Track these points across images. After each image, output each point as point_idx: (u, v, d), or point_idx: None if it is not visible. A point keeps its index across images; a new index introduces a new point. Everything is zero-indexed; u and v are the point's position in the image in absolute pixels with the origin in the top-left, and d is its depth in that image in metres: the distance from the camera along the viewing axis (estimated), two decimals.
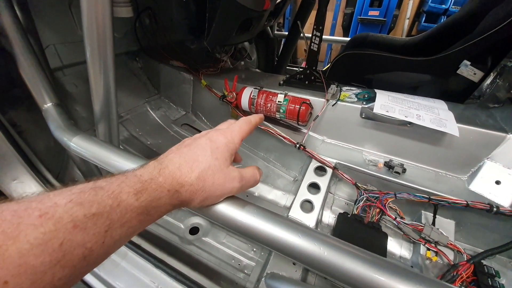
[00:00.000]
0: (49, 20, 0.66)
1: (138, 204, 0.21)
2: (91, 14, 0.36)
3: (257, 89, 0.76)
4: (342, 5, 2.61)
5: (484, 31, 0.75)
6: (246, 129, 0.31)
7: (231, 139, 0.28)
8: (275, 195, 0.75)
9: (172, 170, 0.24)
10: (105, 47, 0.40)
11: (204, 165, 0.25)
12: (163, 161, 0.25)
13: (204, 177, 0.25)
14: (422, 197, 0.59)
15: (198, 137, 0.28)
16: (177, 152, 0.26)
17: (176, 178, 0.24)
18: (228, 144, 0.28)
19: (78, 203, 0.18)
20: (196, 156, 0.26)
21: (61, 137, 0.38)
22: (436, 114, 0.64)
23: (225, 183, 0.26)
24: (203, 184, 0.25)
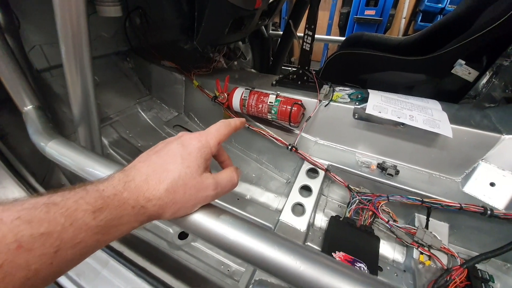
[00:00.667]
0: (35, 20, 0.65)
1: (95, 223, 0.19)
2: (64, 12, 0.34)
3: (249, 90, 0.75)
4: (338, 5, 2.60)
5: (479, 30, 0.74)
6: (224, 132, 0.28)
7: (205, 143, 0.26)
8: (267, 197, 0.74)
9: (139, 183, 0.22)
10: (81, 47, 0.38)
11: (174, 175, 0.23)
12: (130, 172, 0.23)
13: (174, 188, 0.23)
14: (415, 200, 0.58)
15: (170, 141, 0.26)
16: (146, 161, 0.24)
17: (142, 192, 0.22)
18: (201, 149, 0.25)
19: (26, 220, 0.16)
20: (165, 164, 0.24)
21: (37, 141, 0.36)
22: (430, 114, 0.63)
23: (198, 192, 0.24)
24: (173, 197, 0.23)
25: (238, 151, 0.90)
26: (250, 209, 0.67)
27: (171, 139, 0.27)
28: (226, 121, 0.30)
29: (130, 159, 0.79)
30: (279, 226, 0.59)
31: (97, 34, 0.82)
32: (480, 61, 0.80)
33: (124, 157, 0.78)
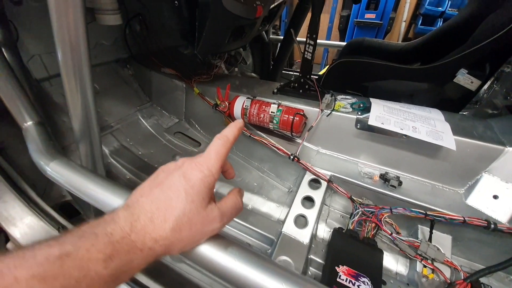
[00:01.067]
0: (34, 30, 0.64)
1: (107, 272, 0.19)
2: (61, 21, 0.32)
3: (250, 99, 0.74)
4: (339, 8, 2.60)
5: (481, 39, 0.74)
6: (224, 152, 0.27)
7: (208, 172, 0.25)
8: (269, 207, 0.73)
9: (145, 223, 0.22)
10: (80, 57, 0.37)
11: (179, 212, 0.22)
12: (134, 210, 0.23)
13: (179, 226, 0.22)
14: (418, 213, 0.58)
15: (172, 172, 0.25)
16: (149, 195, 0.24)
17: (149, 233, 0.22)
18: (204, 180, 0.24)
19: (41, 278, 0.16)
20: (169, 200, 0.23)
21: (38, 161, 0.35)
22: (433, 125, 0.62)
23: (204, 227, 0.24)
24: (179, 235, 0.22)
25: (239, 159, 0.90)
26: (252, 219, 0.67)
27: (172, 168, 0.26)
28: (224, 137, 0.28)
29: (131, 168, 0.78)
30: (282, 238, 0.58)
31: (96, 42, 0.81)
32: (482, 71, 0.79)
33: (125, 166, 0.78)
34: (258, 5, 0.69)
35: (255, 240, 0.64)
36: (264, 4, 0.73)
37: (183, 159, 0.27)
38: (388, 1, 2.19)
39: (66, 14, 0.35)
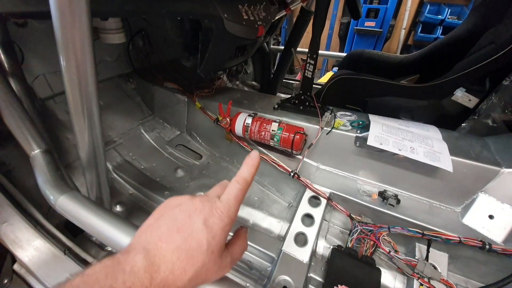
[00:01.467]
0: (38, 51, 0.65)
1: None
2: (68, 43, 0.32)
3: (251, 116, 0.76)
4: (339, 15, 2.62)
5: (480, 57, 0.75)
6: (243, 196, 0.27)
7: (228, 221, 0.25)
8: (269, 223, 0.75)
9: (165, 275, 0.22)
10: (86, 77, 0.36)
11: (200, 264, 0.23)
12: (155, 259, 0.22)
13: (197, 276, 0.23)
14: (415, 232, 0.59)
15: (191, 215, 0.25)
16: (170, 242, 0.23)
17: (167, 285, 0.22)
18: (225, 228, 0.25)
19: None
20: (191, 251, 0.23)
21: (47, 194, 0.36)
22: (430, 146, 0.64)
23: (217, 273, 0.25)
24: (195, 283, 0.23)
25: None
26: (253, 236, 0.68)
27: (191, 209, 0.26)
28: (243, 181, 0.27)
29: (133, 183, 0.79)
30: (282, 257, 0.60)
31: (100, 59, 0.83)
32: (482, 85, 0.81)
33: (127, 181, 0.79)
34: (260, 25, 0.70)
35: (256, 257, 0.65)
36: (266, 23, 0.74)
37: (201, 199, 0.27)
38: (388, 9, 2.21)
39: (71, 31, 0.34)
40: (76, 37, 0.32)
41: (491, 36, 0.85)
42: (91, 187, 0.46)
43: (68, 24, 0.31)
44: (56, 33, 0.31)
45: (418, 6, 2.48)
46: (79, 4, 0.30)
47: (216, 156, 0.97)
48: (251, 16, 0.69)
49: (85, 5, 0.30)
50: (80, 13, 0.30)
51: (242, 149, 0.87)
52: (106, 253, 0.58)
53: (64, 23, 0.30)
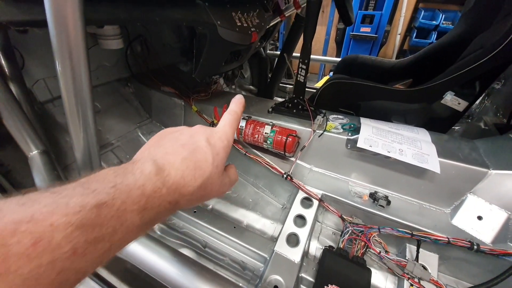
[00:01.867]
0: (39, 55, 0.68)
1: (141, 222, 0.20)
2: (62, 47, 0.33)
3: (245, 120, 0.77)
4: (335, 21, 2.67)
5: (470, 61, 0.77)
6: (236, 125, 0.31)
7: (227, 143, 0.28)
8: (263, 224, 0.76)
9: (176, 179, 0.23)
10: (81, 82, 0.38)
11: (207, 174, 0.25)
12: (164, 166, 0.23)
13: (204, 186, 0.25)
14: (405, 233, 0.60)
15: (195, 134, 0.27)
16: (177, 154, 0.24)
17: (179, 189, 0.23)
18: (225, 149, 0.28)
19: (79, 226, 0.16)
20: (199, 162, 0.25)
21: None
22: (419, 148, 0.65)
23: (219, 190, 0.27)
24: (202, 193, 0.25)
25: None
26: (247, 237, 0.69)
27: (192, 131, 0.28)
28: (234, 112, 0.32)
29: None
30: (274, 257, 0.60)
31: (99, 64, 0.85)
32: (472, 88, 0.82)
33: None
34: (253, 32, 0.73)
35: (249, 257, 0.66)
36: (259, 30, 0.77)
37: (198, 126, 0.29)
38: (383, 15, 2.25)
39: (67, 39, 0.35)
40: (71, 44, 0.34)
41: (480, 41, 0.88)
42: None
43: (63, 32, 0.33)
44: (52, 41, 0.33)
45: (413, 12, 2.52)
46: (74, 13, 0.32)
47: None
48: (244, 23, 0.71)
49: (80, 14, 0.31)
50: (75, 22, 0.32)
51: (237, 151, 0.89)
52: None
53: (60, 31, 0.32)
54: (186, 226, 0.75)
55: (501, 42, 0.67)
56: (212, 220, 0.73)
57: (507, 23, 0.71)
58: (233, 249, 0.70)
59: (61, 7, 0.29)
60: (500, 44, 0.68)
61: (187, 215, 0.74)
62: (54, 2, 0.28)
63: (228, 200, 0.83)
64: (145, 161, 0.23)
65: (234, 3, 0.70)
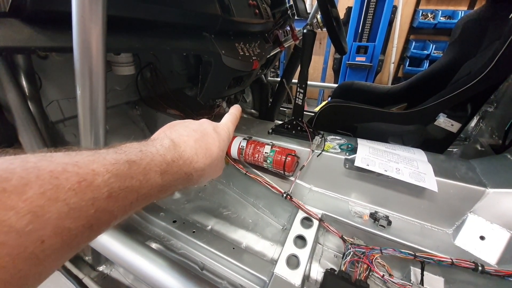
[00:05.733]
0: (55, 79, 0.73)
1: (162, 182, 0.23)
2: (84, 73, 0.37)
3: (246, 140, 0.80)
4: (332, 51, 2.85)
5: (459, 85, 0.81)
6: (235, 122, 0.39)
7: (229, 135, 0.35)
8: (263, 246, 0.74)
9: (190, 155, 0.27)
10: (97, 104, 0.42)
11: (215, 155, 0.30)
12: (180, 143, 0.27)
13: (213, 164, 0.30)
14: (407, 254, 0.59)
15: (202, 124, 0.32)
16: (190, 136, 0.29)
17: (193, 163, 0.27)
18: (228, 138, 0.34)
19: (114, 174, 0.19)
20: (209, 145, 0.30)
21: None
22: (415, 167, 0.67)
23: (219, 170, 0.33)
24: (210, 170, 0.30)
25: (236, 195, 0.93)
26: (245, 259, 0.67)
27: (202, 121, 0.33)
28: (233, 114, 0.40)
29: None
30: (274, 280, 0.59)
31: (111, 88, 0.91)
32: (464, 111, 0.86)
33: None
34: (254, 60, 0.79)
35: (247, 280, 0.64)
36: (260, 58, 0.83)
37: (204, 119, 0.35)
38: (376, 46, 2.41)
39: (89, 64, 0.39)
40: (92, 69, 0.39)
41: (468, 67, 0.94)
42: None
43: (86, 58, 0.37)
44: (75, 65, 0.37)
45: (404, 43, 2.70)
46: (98, 41, 0.36)
47: (213, 179, 1.00)
48: (246, 52, 0.78)
49: (102, 43, 0.36)
50: (98, 49, 0.37)
51: (237, 171, 0.90)
52: (98, 273, 0.58)
53: (83, 57, 0.37)
54: (184, 247, 0.74)
55: (487, 66, 0.72)
56: (211, 241, 0.72)
57: (490, 51, 0.77)
58: (231, 271, 0.68)
59: (87, 36, 0.33)
60: (485, 68, 0.73)
61: (186, 235, 0.73)
62: (81, 31, 0.33)
63: (227, 221, 0.83)
64: (163, 138, 0.27)
65: (237, 36, 0.78)
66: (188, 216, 0.83)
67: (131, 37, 0.47)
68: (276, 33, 1.09)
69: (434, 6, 2.53)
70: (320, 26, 0.95)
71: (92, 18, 0.33)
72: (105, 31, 0.34)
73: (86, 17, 0.33)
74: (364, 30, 2.47)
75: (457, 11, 2.38)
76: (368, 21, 2.40)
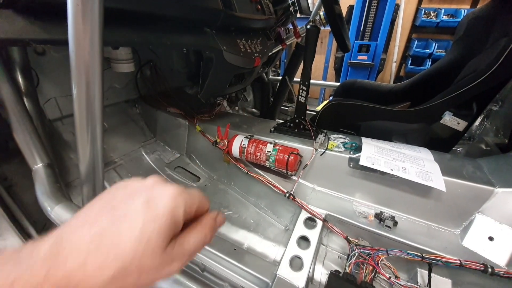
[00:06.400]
0: (53, 77, 0.72)
1: None
2: (80, 69, 0.35)
3: (248, 138, 0.79)
4: (333, 50, 2.84)
5: (465, 83, 0.79)
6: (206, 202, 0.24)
7: (181, 201, 0.20)
8: (265, 247, 0.73)
9: (71, 270, 0.16)
10: (93, 102, 0.40)
11: (127, 257, 0.17)
12: (63, 249, 0.16)
13: (124, 275, 0.17)
14: (415, 255, 0.57)
15: (136, 193, 0.20)
16: (93, 224, 0.18)
17: (74, 283, 0.16)
18: (173, 213, 0.19)
19: None
20: (117, 236, 0.17)
21: (43, 203, 0.38)
22: (422, 166, 0.65)
23: (157, 273, 0.18)
24: (121, 285, 0.17)
25: (237, 195, 0.91)
26: (247, 260, 0.66)
27: (137, 188, 0.21)
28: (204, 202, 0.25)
29: None
30: (277, 282, 0.57)
31: (109, 86, 0.90)
32: (470, 109, 0.84)
33: None
34: (256, 57, 0.78)
35: (249, 282, 0.62)
36: (262, 55, 0.81)
37: (156, 177, 0.22)
38: (378, 44, 2.39)
39: (84, 58, 0.36)
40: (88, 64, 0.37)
41: (473, 65, 0.92)
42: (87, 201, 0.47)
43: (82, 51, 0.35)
44: (71, 58, 0.35)
45: (407, 42, 2.68)
46: (94, 34, 0.35)
47: (214, 179, 0.98)
48: (248, 48, 0.76)
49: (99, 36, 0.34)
50: (94, 42, 0.35)
51: (239, 171, 0.89)
52: None
53: (79, 50, 0.35)
54: None
55: (493, 65, 0.71)
56: (212, 242, 0.70)
57: (497, 48, 0.75)
58: (233, 273, 0.66)
59: (83, 28, 0.31)
60: (492, 67, 0.71)
61: None
62: (76, 23, 0.31)
63: (228, 221, 0.81)
64: (49, 239, 0.17)
65: (239, 32, 0.76)
66: None
67: (130, 30, 0.45)
68: (278, 31, 1.07)
69: (436, 4, 2.52)
70: (323, 23, 0.94)
71: (88, 9, 0.32)
72: (102, 23, 0.33)
73: (82, 8, 0.31)
74: (366, 29, 2.45)
75: (460, 10, 2.36)
76: (370, 19, 2.38)
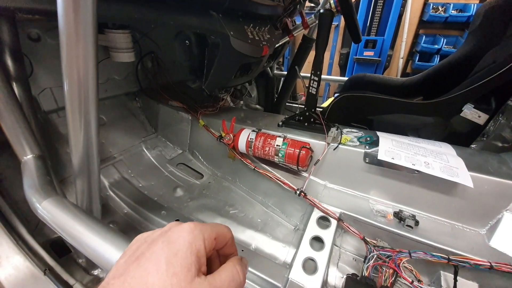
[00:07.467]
0: (48, 65, 0.67)
1: None
2: (71, 58, 0.32)
3: (255, 132, 0.74)
4: (338, 46, 2.78)
5: (484, 75, 0.75)
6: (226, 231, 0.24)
7: (199, 235, 0.21)
8: (274, 247, 0.68)
9: None
10: (87, 93, 0.36)
11: None
12: None
13: None
14: (440, 257, 0.52)
15: (156, 240, 0.21)
16: (123, 275, 0.19)
17: None
18: (193, 244, 0.20)
19: None
20: (145, 276, 0.19)
21: (30, 197, 0.33)
22: (445, 161, 0.60)
23: None
24: None
25: (243, 192, 0.86)
26: (256, 262, 0.61)
27: (156, 235, 0.22)
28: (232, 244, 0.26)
29: (129, 201, 0.75)
30: (289, 286, 0.53)
31: (108, 77, 0.85)
32: (488, 104, 0.79)
33: (123, 199, 0.75)
34: (264, 45, 0.73)
35: (259, 287, 0.57)
36: (270, 45, 0.77)
37: (173, 223, 0.23)
38: (385, 40, 2.33)
39: (76, 50, 0.34)
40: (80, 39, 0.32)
41: (492, 56, 0.87)
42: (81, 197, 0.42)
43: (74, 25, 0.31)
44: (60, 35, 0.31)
45: (414, 37, 2.62)
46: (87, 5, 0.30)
47: (218, 176, 0.94)
48: (256, 36, 0.72)
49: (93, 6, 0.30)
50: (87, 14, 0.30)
51: (244, 167, 0.84)
52: (92, 277, 0.52)
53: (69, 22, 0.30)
54: None
55: None
56: None
57: None
58: None
59: None
60: None
61: None
62: None
63: (234, 220, 0.76)
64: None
65: (247, 18, 0.71)
66: (192, 215, 0.76)
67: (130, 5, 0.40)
68: (286, 21, 1.02)
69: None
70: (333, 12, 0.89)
71: None
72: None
73: None
74: (373, 24, 2.39)
75: (469, 4, 2.30)
76: (377, 14, 2.33)
